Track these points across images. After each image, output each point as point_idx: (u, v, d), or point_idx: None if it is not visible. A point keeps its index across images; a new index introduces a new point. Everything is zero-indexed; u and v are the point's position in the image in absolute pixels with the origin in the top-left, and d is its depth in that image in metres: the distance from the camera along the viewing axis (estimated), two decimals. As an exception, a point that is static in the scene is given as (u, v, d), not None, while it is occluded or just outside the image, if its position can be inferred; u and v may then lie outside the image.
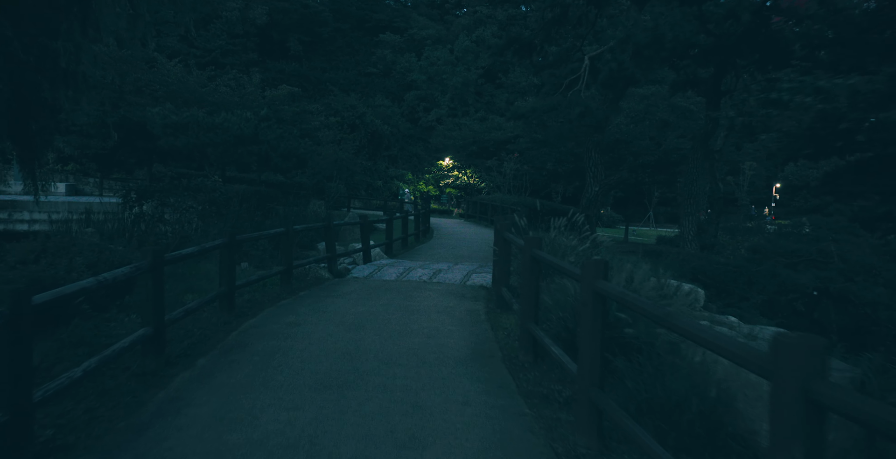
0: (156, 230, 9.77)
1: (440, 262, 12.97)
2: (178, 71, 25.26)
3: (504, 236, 7.63)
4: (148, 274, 4.98)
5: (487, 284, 10.14)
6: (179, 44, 45.34)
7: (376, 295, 8.88)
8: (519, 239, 7.57)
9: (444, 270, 11.37)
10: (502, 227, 7.75)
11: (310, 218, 19.86)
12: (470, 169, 48.21)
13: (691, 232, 18.87)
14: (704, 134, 18.60)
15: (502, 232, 7.72)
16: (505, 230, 7.69)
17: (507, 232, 7.62)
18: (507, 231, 7.67)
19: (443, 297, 8.89)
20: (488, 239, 20.24)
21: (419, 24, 62.40)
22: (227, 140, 20.36)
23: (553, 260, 5.02)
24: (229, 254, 6.92)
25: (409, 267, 11.47)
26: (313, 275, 10.25)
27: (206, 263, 10.67)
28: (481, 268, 11.85)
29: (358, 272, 10.98)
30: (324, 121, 30.29)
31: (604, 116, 11.47)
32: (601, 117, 11.42)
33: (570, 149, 23.96)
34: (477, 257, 14.75)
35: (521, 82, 55.70)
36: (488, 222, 28.68)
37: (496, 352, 6.05)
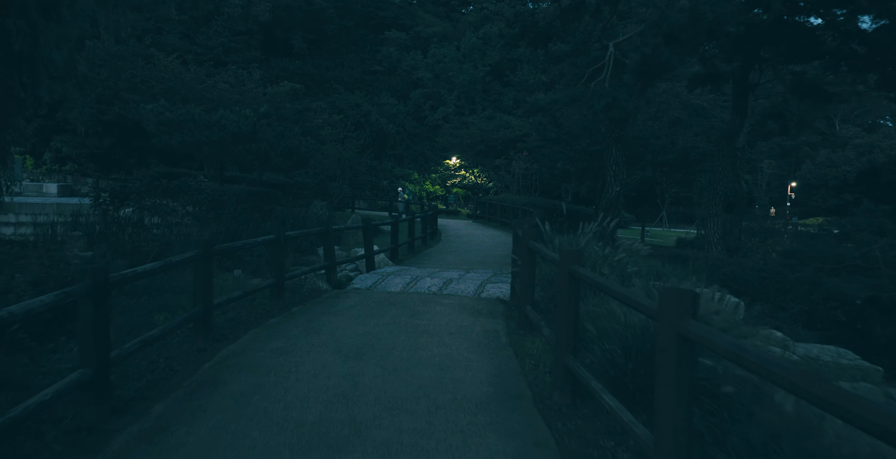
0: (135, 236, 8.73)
1: (450, 270, 11.87)
2: (175, 67, 24.25)
3: (529, 245, 6.52)
4: (87, 301, 3.90)
5: (504, 296, 9.04)
6: (181, 41, 44.40)
7: (380, 310, 7.78)
8: (551, 250, 6.47)
9: (455, 279, 10.28)
10: (526, 235, 6.64)
11: (310, 220, 18.81)
12: (477, 168, 47.11)
13: (716, 234, 17.73)
14: (730, 130, 17.46)
15: (526, 241, 6.61)
16: (529, 238, 6.58)
17: (532, 241, 6.51)
18: (532, 239, 6.57)
19: (455, 313, 7.79)
20: (500, 242, 19.13)
21: (425, 22, 61.32)
22: (223, 138, 19.30)
23: (606, 284, 3.91)
24: (205, 268, 5.84)
25: (416, 276, 10.38)
26: (310, 287, 9.17)
27: (188, 273, 9.64)
28: (496, 277, 10.75)
29: (360, 282, 9.90)
30: (327, 119, 29.22)
31: (633, 108, 10.38)
32: (630, 109, 10.32)
33: (585, 146, 22.82)
34: (490, 263, 13.65)
35: (530, 80, 54.52)
36: (498, 223, 27.58)
37: (525, 390, 4.94)
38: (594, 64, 11.90)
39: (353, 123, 42.13)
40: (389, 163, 46.99)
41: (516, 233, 8.46)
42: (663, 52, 9.38)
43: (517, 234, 8.41)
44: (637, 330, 4.52)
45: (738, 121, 17.25)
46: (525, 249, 6.68)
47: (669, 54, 9.45)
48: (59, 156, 34.48)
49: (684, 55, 9.89)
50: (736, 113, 17.27)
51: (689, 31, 9.08)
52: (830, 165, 42.56)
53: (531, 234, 6.67)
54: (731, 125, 17.32)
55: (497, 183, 43.30)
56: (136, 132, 23.15)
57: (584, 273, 4.46)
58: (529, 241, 6.57)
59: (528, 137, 38.56)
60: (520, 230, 8.30)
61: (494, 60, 55.31)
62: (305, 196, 26.52)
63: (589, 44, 14.23)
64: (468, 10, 68.81)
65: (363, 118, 43.80)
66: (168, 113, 19.52)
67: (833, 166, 42.35)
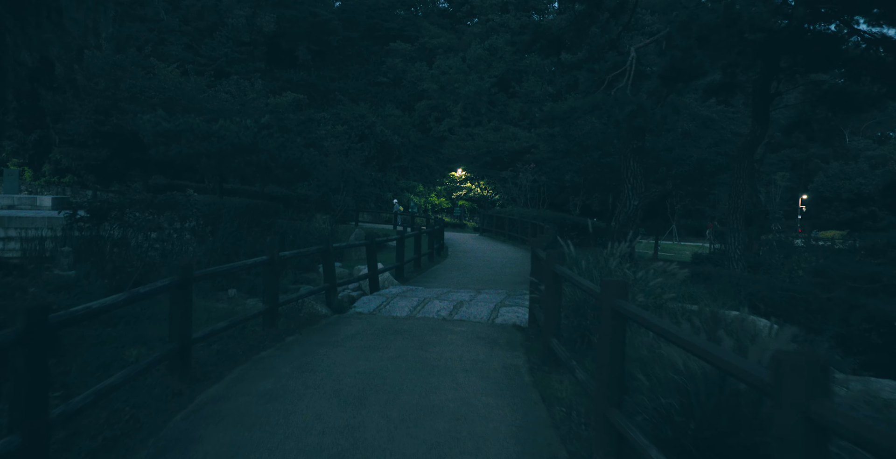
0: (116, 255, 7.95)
1: (460, 290, 11.06)
2: (175, 76, 23.66)
3: (555, 270, 5.71)
4: (18, 351, 3.11)
5: (522, 323, 8.22)
6: (185, 52, 44.02)
7: (384, 340, 6.97)
8: (577, 274, 5.67)
9: (466, 302, 9.45)
10: (551, 259, 5.83)
11: (312, 234, 18.05)
12: (483, 180, 46.41)
13: (737, 249, 16.89)
14: (750, 141, 16.67)
15: (551, 265, 5.80)
16: (555, 261, 5.77)
17: (559, 265, 5.71)
18: (557, 262, 5.76)
19: (469, 344, 6.96)
20: (511, 258, 18.33)
21: (430, 33, 60.95)
22: (222, 149, 18.60)
23: (681, 335, 3.08)
24: (183, 297, 5.05)
25: (424, 299, 9.56)
26: (308, 312, 8.36)
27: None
28: (511, 299, 9.92)
29: (363, 305, 9.09)
30: (330, 130, 28.57)
31: (660, 116, 9.63)
32: (657, 118, 9.57)
33: (597, 158, 22.07)
34: (502, 282, 12.83)
35: (536, 91, 53.96)
36: (506, 237, 26.78)
37: (558, 449, 4.12)
38: (614, 70, 11.15)
39: (358, 135, 41.54)
40: (394, 175, 46.34)
41: (536, 254, 7.66)
42: (695, 54, 8.62)
43: (537, 255, 7.61)
44: (700, 381, 3.71)
45: (758, 132, 16.47)
46: (549, 274, 5.87)
47: (702, 57, 8.69)
48: (59, 167, 33.87)
49: (717, 58, 9.16)
50: (756, 123, 16.49)
51: (723, 33, 8.34)
52: (844, 177, 41.75)
53: (556, 257, 5.86)
54: (751, 136, 16.53)
55: (503, 195, 42.58)
56: (134, 143, 22.50)
57: (634, 311, 3.65)
58: (555, 265, 5.76)
59: (536, 149, 37.92)
60: (541, 250, 7.50)
61: (500, 71, 54.80)
62: (308, 209, 25.81)
63: (604, 51, 13.51)
64: (473, 23, 68.46)
65: (368, 129, 43.20)
66: (165, 123, 18.85)
67: (846, 178, 41.54)
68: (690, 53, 8.62)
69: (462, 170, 47.22)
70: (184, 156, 18.47)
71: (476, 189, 46.79)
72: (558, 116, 10.87)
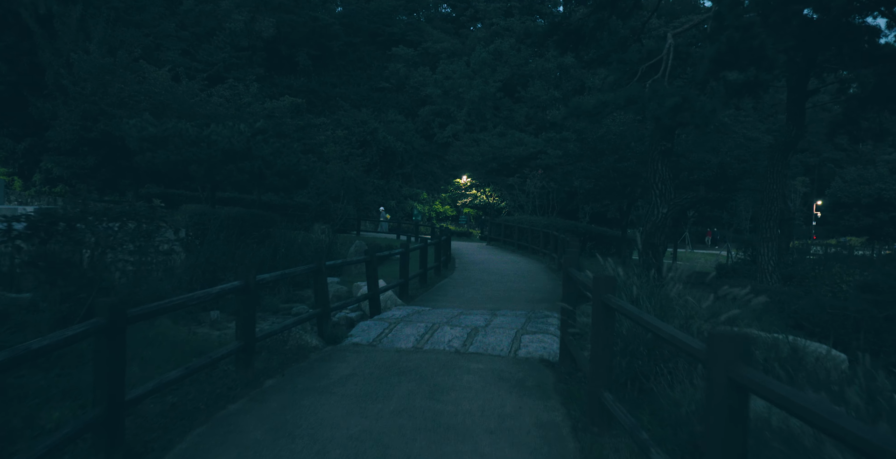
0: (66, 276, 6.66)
1: (473, 311, 9.70)
2: (165, 79, 22.45)
3: (608, 302, 4.37)
4: None
5: (550, 356, 6.87)
6: (182, 57, 42.92)
7: (385, 385, 5.63)
8: (629, 303, 4.33)
9: (481, 328, 8.10)
10: (602, 286, 4.47)
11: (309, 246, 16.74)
12: (489, 187, 45.11)
13: (771, 261, 15.51)
14: (785, 142, 15.33)
15: (602, 294, 4.45)
16: (605, 290, 4.43)
17: (610, 296, 4.37)
18: (609, 291, 4.42)
19: (490, 388, 5.61)
20: (524, 270, 16.96)
21: (433, 38, 59.89)
22: (212, 155, 17.34)
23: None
24: (109, 348, 3.72)
25: (432, 324, 8.22)
26: (295, 343, 7.03)
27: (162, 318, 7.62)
28: (532, 323, 8.57)
29: (361, 333, 7.74)
30: (330, 135, 27.30)
31: (710, 109, 8.30)
32: (706, 111, 8.24)
33: (612, 163, 20.74)
34: (518, 299, 11.47)
35: (542, 95, 52.74)
36: (515, 247, 25.44)
37: None
38: (647, 59, 9.85)
39: (360, 141, 40.34)
40: (397, 183, 45.10)
41: (569, 275, 6.31)
42: (758, 34, 7.28)
43: (571, 276, 6.27)
44: None
45: (794, 133, 15.13)
46: (599, 306, 4.51)
47: (764, 37, 7.36)
48: (50, 177, 32.72)
49: (779, 41, 7.84)
50: (791, 123, 15.16)
51: (788, 9, 7.03)
52: (863, 182, 40.21)
53: (606, 283, 4.50)
54: (785, 137, 15.19)
55: (510, 202, 41.26)
56: (123, 150, 21.27)
57: (779, 390, 2.30)
58: (607, 295, 4.41)
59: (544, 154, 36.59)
60: (575, 270, 6.17)
61: (505, 76, 53.62)
62: (306, 218, 24.52)
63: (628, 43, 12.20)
64: (477, 28, 67.36)
65: (370, 136, 42.01)
66: (152, 128, 17.61)
67: (866, 183, 40.00)
68: (752, 33, 7.29)
69: (467, 177, 45.94)
70: (171, 163, 17.21)
71: (482, 196, 45.49)
72: (587, 112, 9.56)
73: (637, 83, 9.62)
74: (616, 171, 20.80)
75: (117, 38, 34.06)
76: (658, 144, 12.50)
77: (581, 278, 5.43)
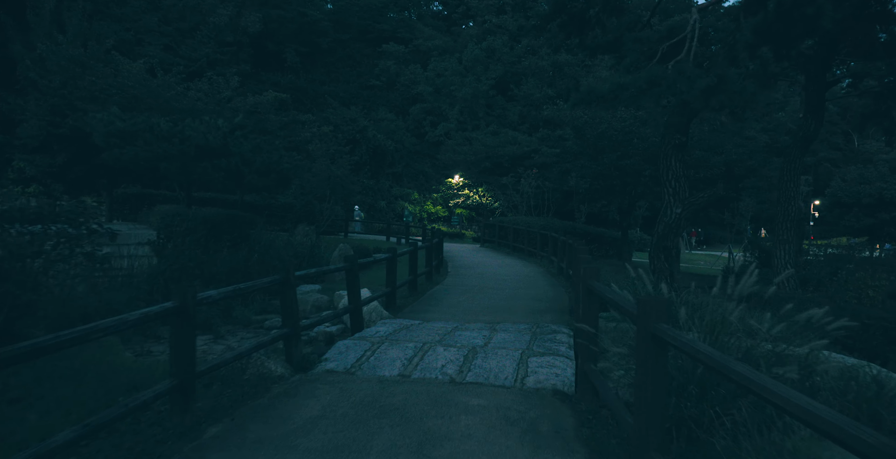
0: None
1: (469, 325, 8.49)
2: (139, 72, 21.10)
3: (663, 335, 3.16)
4: None
5: (565, 385, 5.67)
6: (164, 53, 41.46)
7: (361, 433, 4.41)
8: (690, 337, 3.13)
9: (479, 348, 6.90)
10: (651, 311, 3.27)
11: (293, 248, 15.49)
12: (482, 187, 43.94)
13: (788, 264, 14.41)
14: (804, 137, 14.24)
15: (652, 324, 3.25)
16: (657, 319, 3.23)
17: (664, 326, 3.17)
18: (662, 320, 3.22)
19: (496, 438, 4.40)
20: (522, 275, 15.74)
21: (425, 35, 58.63)
22: (186, 152, 16.04)
23: None
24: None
25: (422, 344, 7.00)
26: (255, 372, 5.79)
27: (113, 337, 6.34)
28: (539, 341, 7.37)
29: (337, 357, 6.51)
30: (316, 131, 25.99)
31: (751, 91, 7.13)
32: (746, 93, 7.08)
33: (614, 160, 19.60)
34: (519, 309, 10.27)
35: (535, 94, 51.61)
36: (510, 249, 24.26)
37: None
38: (669, 38, 8.68)
39: (349, 139, 39.05)
40: (388, 182, 43.83)
41: (591, 290, 5.11)
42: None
43: (593, 291, 5.07)
44: None
45: (812, 127, 14.04)
46: (648, 340, 3.31)
47: (822, 2, 6.19)
48: (23, 176, 31.24)
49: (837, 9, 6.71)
50: (810, 116, 14.06)
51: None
52: (863, 182, 39.37)
53: (657, 308, 3.29)
54: (803, 132, 14.10)
55: (504, 202, 40.09)
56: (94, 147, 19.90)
57: None
58: (659, 325, 3.21)
59: (538, 153, 35.52)
60: (600, 284, 4.98)
61: (498, 74, 52.48)
62: (290, 219, 23.24)
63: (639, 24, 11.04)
64: (469, 26, 66.16)
65: (359, 134, 40.72)
66: (119, 122, 16.30)
67: (866, 183, 39.17)
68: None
69: (459, 177, 44.77)
70: (140, 160, 15.90)
71: (474, 196, 44.32)
72: (601, 97, 8.34)
73: (658, 65, 8.45)
74: (618, 169, 19.66)
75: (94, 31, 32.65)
76: (671, 138, 11.36)
77: (615, 298, 4.22)
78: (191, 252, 12.07)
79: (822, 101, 13.90)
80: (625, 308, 3.74)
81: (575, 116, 20.92)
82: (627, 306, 3.70)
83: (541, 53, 54.39)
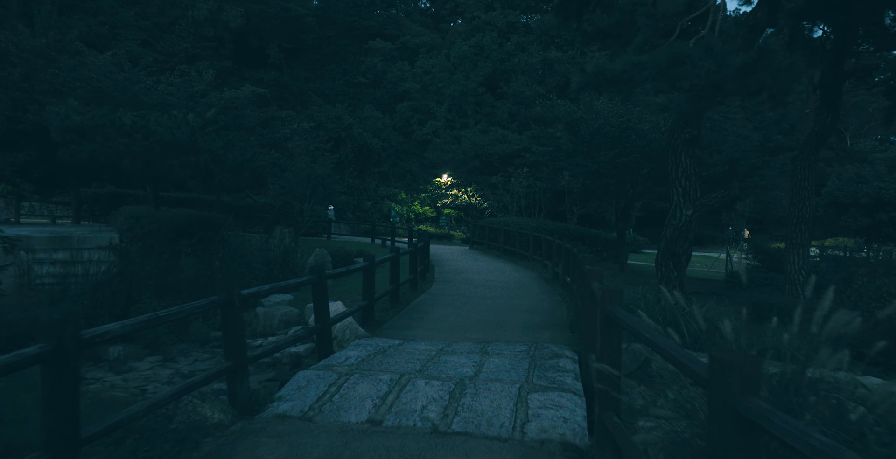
0: None
1: (457, 346, 7.32)
2: (104, 64, 19.75)
3: (760, 420, 1.98)
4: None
5: (576, 436, 4.50)
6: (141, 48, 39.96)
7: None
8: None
9: (468, 380, 5.73)
10: (739, 384, 2.10)
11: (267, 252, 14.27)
12: (471, 186, 42.79)
13: (803, 270, 13.35)
14: (819, 132, 13.20)
15: (739, 401, 2.08)
16: (747, 390, 2.06)
17: (758, 402, 2.00)
18: (750, 391, 2.06)
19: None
20: (515, 281, 14.53)
21: (412, 31, 57.41)
22: (149, 148, 14.78)
23: None
24: None
25: (399, 375, 5.82)
26: (184, 419, 4.58)
27: None
28: (539, 370, 6.20)
29: (293, 396, 5.30)
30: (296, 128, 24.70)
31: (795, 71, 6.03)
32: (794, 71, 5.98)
33: (611, 158, 18.50)
34: (514, 324, 9.11)
35: (525, 91, 50.56)
36: (501, 251, 23.12)
37: None
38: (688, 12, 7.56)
39: (333, 138, 37.77)
40: (374, 182, 42.58)
41: (622, 323, 3.94)
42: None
43: (617, 321, 3.90)
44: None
45: (828, 121, 13.00)
46: (728, 418, 2.14)
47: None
48: (-10, 175, 29.76)
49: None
50: (825, 110, 13.01)
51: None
52: (860, 181, 38.49)
53: (742, 374, 2.13)
54: (819, 125, 13.06)
55: (493, 202, 38.95)
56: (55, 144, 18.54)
57: None
58: (750, 404, 2.04)
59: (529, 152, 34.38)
60: (626, 313, 3.83)
61: (487, 71, 51.38)
62: (269, 220, 21.96)
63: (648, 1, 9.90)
64: (457, 23, 64.98)
65: (344, 132, 39.44)
66: (77, 116, 15.01)
67: (863, 182, 38.29)
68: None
69: (448, 176, 43.60)
70: (99, 157, 14.61)
71: (463, 196, 43.16)
72: (612, 79, 7.19)
73: (678, 41, 7.34)
74: (615, 168, 18.56)
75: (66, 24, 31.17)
76: (681, 132, 10.25)
77: (660, 343, 3.02)
78: (146, 259, 10.85)
79: (838, 93, 12.85)
80: (684, 364, 2.56)
81: (569, 111, 19.81)
82: (688, 362, 2.53)
83: (531, 50, 53.35)
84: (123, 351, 8.08)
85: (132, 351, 8.35)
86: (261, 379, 7.41)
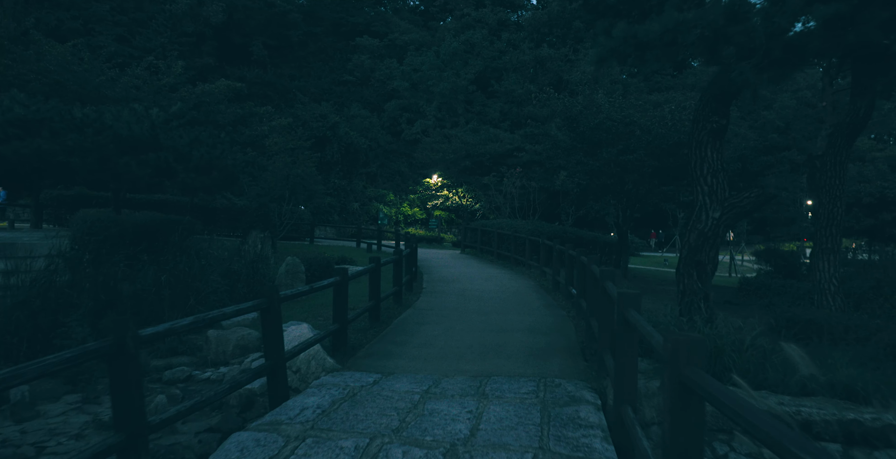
0: None
1: (447, 383, 5.81)
2: (61, 55, 18.12)
3: None
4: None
5: None
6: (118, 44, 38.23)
7: None
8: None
9: (461, 444, 4.23)
10: None
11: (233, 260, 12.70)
12: (462, 187, 41.32)
13: (834, 279, 11.94)
14: (852, 124, 11.83)
15: None
16: None
17: None
18: None
19: None
20: (512, 291, 12.98)
21: (401, 29, 55.90)
22: (102, 144, 13.20)
23: None
24: None
25: (367, 440, 4.31)
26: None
27: None
28: (553, 423, 4.70)
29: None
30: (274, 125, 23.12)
31: None
32: None
33: (614, 156, 17.07)
34: (513, 348, 7.59)
35: (517, 90, 49.19)
36: (495, 256, 21.64)
37: None
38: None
39: (318, 136, 36.20)
40: (361, 183, 41.02)
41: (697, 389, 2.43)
42: None
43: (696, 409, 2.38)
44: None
45: (863, 111, 11.63)
46: None
47: None
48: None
49: None
50: (858, 98, 11.62)
51: None
52: (862, 180, 37.36)
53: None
54: (852, 116, 11.68)
55: (486, 204, 37.49)
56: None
57: None
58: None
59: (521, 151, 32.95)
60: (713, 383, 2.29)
61: (478, 69, 49.93)
62: (245, 223, 20.37)
63: None
64: (447, 21, 63.50)
65: (330, 131, 37.86)
66: (20, 108, 13.40)
67: (866, 181, 37.15)
68: None
69: (438, 177, 42.10)
70: (44, 154, 13.00)
71: (454, 197, 41.67)
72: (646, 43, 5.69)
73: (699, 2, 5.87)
74: (618, 166, 17.13)
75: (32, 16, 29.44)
76: (707, 121, 8.83)
77: None
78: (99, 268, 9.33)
79: (874, 79, 11.44)
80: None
81: (568, 105, 18.36)
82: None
83: (522, 47, 51.98)
84: (32, 392, 6.52)
85: (48, 388, 6.80)
86: (199, 428, 5.88)
